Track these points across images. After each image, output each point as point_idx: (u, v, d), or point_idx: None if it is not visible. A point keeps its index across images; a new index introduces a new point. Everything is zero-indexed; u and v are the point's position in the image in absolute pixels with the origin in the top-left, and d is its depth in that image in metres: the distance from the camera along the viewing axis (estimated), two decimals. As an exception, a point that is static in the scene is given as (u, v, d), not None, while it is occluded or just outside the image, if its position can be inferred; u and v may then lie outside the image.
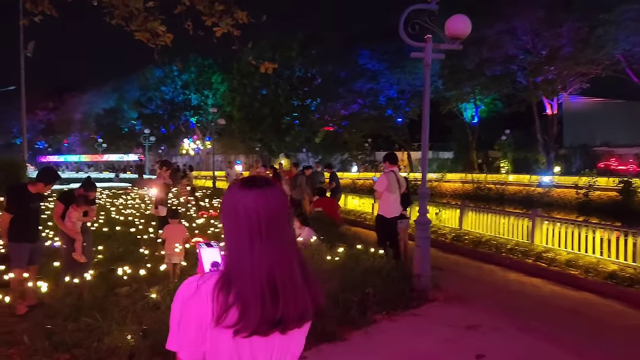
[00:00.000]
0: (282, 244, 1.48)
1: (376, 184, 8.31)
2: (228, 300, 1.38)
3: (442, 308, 6.59)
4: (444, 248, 11.21)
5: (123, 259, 8.23)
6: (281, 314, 1.41)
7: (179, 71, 56.61)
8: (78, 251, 6.50)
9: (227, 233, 1.51)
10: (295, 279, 1.47)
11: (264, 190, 1.50)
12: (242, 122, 46.02)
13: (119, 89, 63.31)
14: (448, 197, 33.44)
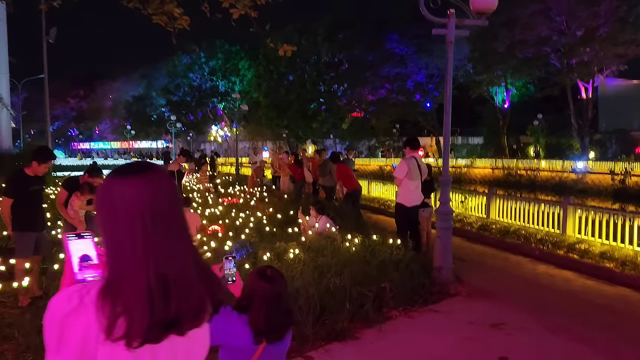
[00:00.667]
0: (172, 237, 1.31)
1: (396, 171, 7.87)
2: (115, 310, 1.21)
3: (463, 303, 6.18)
4: (469, 238, 10.73)
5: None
6: (174, 315, 1.26)
7: (206, 58, 56.75)
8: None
9: (104, 230, 1.30)
10: (189, 275, 1.31)
11: (146, 177, 1.30)
12: (269, 108, 45.84)
13: (148, 76, 63.71)
14: (477, 184, 32.64)
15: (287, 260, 6.02)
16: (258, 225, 9.71)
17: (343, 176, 12.04)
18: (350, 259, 6.24)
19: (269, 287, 2.67)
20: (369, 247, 6.83)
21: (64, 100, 72.12)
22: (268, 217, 10.40)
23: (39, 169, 5.81)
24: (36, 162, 5.74)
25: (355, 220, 9.99)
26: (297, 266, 5.69)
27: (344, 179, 11.97)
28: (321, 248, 6.52)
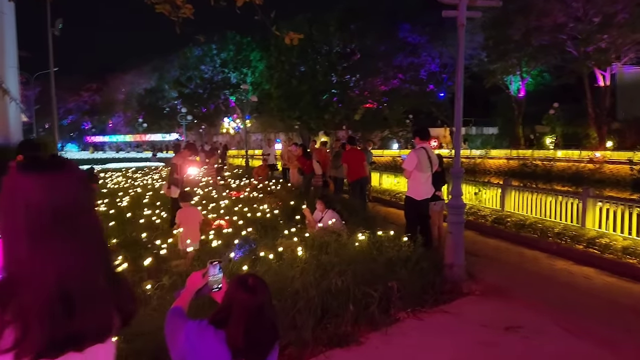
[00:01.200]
0: (79, 242, 1.22)
1: (405, 162, 7.48)
2: (3, 317, 1.11)
3: (476, 303, 5.81)
4: (483, 231, 10.33)
5: (133, 245, 7.77)
6: (76, 331, 1.17)
7: (218, 50, 56.52)
8: None
9: (3, 229, 1.21)
10: (96, 285, 1.23)
11: (51, 175, 1.20)
12: (280, 99, 45.46)
13: (160, 68, 63.72)
14: (492, 175, 32.08)
15: (287, 259, 5.69)
16: (263, 220, 9.42)
17: (349, 160, 11.80)
18: (356, 256, 5.89)
19: (250, 299, 2.33)
20: (376, 243, 6.47)
21: (77, 93, 72.45)
22: (274, 211, 10.09)
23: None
24: (22, 156, 5.48)
25: (363, 213, 9.64)
26: (298, 265, 5.35)
27: (350, 163, 11.67)
28: (325, 245, 6.18)
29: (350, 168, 12.01)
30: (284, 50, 42.79)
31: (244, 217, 9.87)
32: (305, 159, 14.88)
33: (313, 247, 6.17)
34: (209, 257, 7.25)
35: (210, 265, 2.88)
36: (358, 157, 12.66)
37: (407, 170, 7.36)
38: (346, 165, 12.43)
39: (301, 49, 42.57)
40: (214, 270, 2.88)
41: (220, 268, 2.91)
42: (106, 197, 11.92)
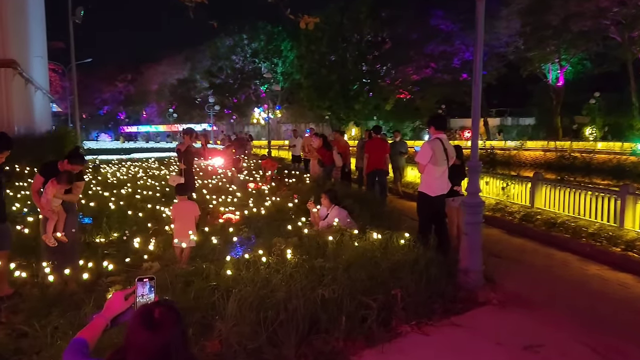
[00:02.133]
0: None
1: (418, 155, 6.78)
2: None
3: (493, 315, 5.13)
4: (509, 229, 9.54)
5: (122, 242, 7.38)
6: None
7: (249, 40, 56.40)
8: (48, 232, 5.62)
9: None
10: None
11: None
12: (310, 89, 44.90)
13: (191, 59, 64.01)
14: (527, 167, 30.82)
15: (277, 262, 5.11)
16: (273, 215, 8.92)
17: (370, 150, 11.46)
18: (356, 259, 5.28)
19: (150, 339, 1.77)
20: (382, 244, 5.84)
21: (113, 84, 73.44)
22: (289, 204, 9.59)
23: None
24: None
25: (379, 209, 9.00)
26: (287, 269, 4.78)
27: (370, 153, 11.28)
28: (323, 245, 5.59)
29: (369, 159, 11.55)
30: (314, 39, 42.20)
31: (255, 210, 9.40)
32: (325, 150, 14.27)
33: (310, 248, 5.59)
34: (212, 253, 6.81)
35: (138, 284, 2.33)
36: (380, 147, 12.06)
37: (420, 163, 6.68)
38: (367, 155, 11.91)
39: (331, 37, 41.91)
40: (142, 289, 2.33)
41: (152, 287, 2.36)
42: (112, 188, 11.61)
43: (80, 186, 6.02)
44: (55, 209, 5.65)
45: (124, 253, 6.77)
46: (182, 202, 6.78)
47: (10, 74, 15.85)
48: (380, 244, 5.83)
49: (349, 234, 6.02)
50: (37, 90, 20.89)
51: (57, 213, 5.68)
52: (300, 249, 5.59)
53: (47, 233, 5.60)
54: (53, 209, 5.62)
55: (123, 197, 10.53)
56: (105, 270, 5.82)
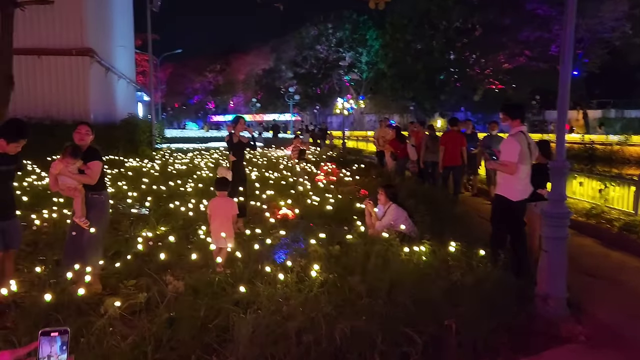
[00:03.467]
0: None
1: (504, 153, 5.55)
2: None
3: (579, 357, 4.03)
4: (606, 240, 8.09)
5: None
6: None
7: (334, 29, 55.91)
8: (78, 213, 5.13)
9: None
10: None
11: None
12: (394, 79, 43.62)
13: (277, 49, 64.53)
14: (633, 165, 27.81)
15: (292, 280, 4.29)
16: (333, 212, 8.16)
17: (446, 143, 10.72)
18: (404, 277, 4.36)
19: None
20: (439, 257, 4.86)
21: (203, 74, 75.80)
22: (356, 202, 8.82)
23: (7, 148, 4.65)
24: (4, 140, 4.63)
25: (449, 210, 7.93)
26: (313, 288, 3.96)
27: (446, 146, 10.59)
28: (365, 257, 4.70)
29: (444, 153, 10.55)
30: (399, 27, 40.94)
31: (314, 207, 8.70)
32: (399, 142, 13.27)
33: (350, 259, 4.72)
34: (250, 259, 6.13)
35: (41, 339, 1.57)
36: (457, 141, 10.95)
37: (510, 163, 5.42)
38: (443, 148, 10.89)
39: (417, 25, 40.35)
40: (47, 348, 1.56)
41: (64, 344, 1.58)
42: (170, 178, 11.35)
43: (93, 167, 5.25)
44: (72, 186, 5.16)
45: (165, 248, 6.25)
46: (220, 199, 6.14)
47: (88, 62, 16.16)
48: (437, 257, 4.85)
49: (397, 243, 5.07)
50: (120, 78, 21.42)
51: (80, 190, 5.19)
52: (337, 260, 4.73)
53: (77, 213, 5.14)
54: (69, 186, 5.15)
55: (175, 189, 10.20)
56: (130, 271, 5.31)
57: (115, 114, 18.65)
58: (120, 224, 8.27)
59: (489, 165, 5.72)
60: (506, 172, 5.52)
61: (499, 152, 5.74)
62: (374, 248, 4.96)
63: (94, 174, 5.18)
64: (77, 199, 5.16)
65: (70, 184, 5.14)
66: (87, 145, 5.29)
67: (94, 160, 5.22)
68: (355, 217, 7.80)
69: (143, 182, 11.36)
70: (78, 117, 15.85)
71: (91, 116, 16.13)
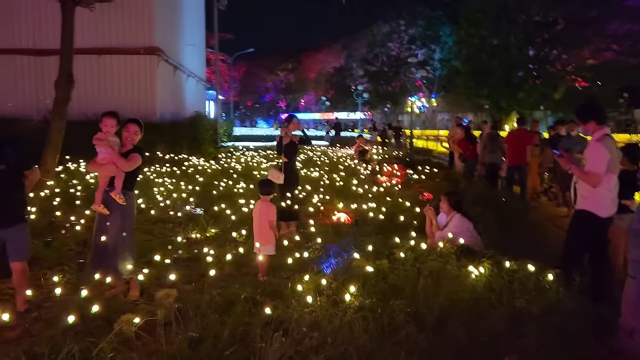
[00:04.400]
0: None
1: (590, 161, 4.72)
2: None
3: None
4: None
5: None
6: None
7: (406, 25, 54.92)
8: (118, 188, 4.84)
9: None
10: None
11: None
12: (468, 76, 42.01)
13: (348, 47, 64.18)
14: None
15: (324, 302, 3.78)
16: (385, 218, 7.62)
17: (510, 141, 10.35)
18: (457, 302, 3.76)
19: None
20: (501, 278, 4.21)
21: (275, 73, 76.81)
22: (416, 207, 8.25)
23: None
24: None
25: (521, 219, 7.16)
26: (349, 312, 3.46)
27: (510, 145, 10.19)
28: (416, 275, 4.14)
29: (508, 151, 9.84)
30: (474, 22, 39.41)
31: (372, 211, 8.19)
32: (468, 143, 12.45)
33: (398, 279, 4.18)
34: (302, 263, 5.71)
35: None
36: (522, 139, 10.15)
37: (596, 174, 4.63)
38: (507, 147, 10.14)
39: (493, 19, 38.62)
40: None
41: None
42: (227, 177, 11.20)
43: (133, 157, 4.94)
44: (107, 157, 4.83)
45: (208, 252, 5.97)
46: (261, 202, 5.76)
47: (155, 61, 16.41)
48: (499, 277, 4.21)
49: (454, 259, 4.47)
50: (189, 77, 21.72)
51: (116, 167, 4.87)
52: (384, 278, 4.20)
53: (117, 188, 4.85)
54: (104, 157, 4.84)
55: (231, 189, 10.00)
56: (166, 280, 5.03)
57: (183, 112, 18.91)
58: (171, 224, 8.15)
59: (573, 170, 4.91)
60: (588, 183, 4.73)
61: (570, 153, 5.01)
62: (427, 265, 4.39)
63: (130, 162, 4.88)
64: (118, 175, 4.84)
65: (105, 154, 4.83)
66: (133, 144, 5.06)
67: (136, 153, 4.99)
68: (416, 223, 7.25)
69: (200, 181, 11.28)
70: (145, 115, 16.09)
71: (157, 114, 16.40)
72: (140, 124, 5.16)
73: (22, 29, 16.20)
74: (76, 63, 15.95)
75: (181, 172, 12.53)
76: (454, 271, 4.28)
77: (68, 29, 9.55)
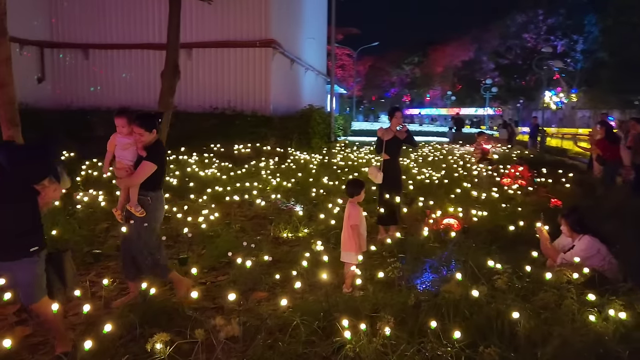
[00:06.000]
0: None
1: None
2: None
3: None
4: None
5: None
6: None
7: (545, 15, 50.88)
8: (133, 200, 4.38)
9: None
10: None
11: None
12: (616, 69, 37.85)
13: (478, 39, 60.96)
14: None
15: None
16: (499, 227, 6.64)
17: None
18: (577, 353, 2.82)
19: None
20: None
21: (400, 67, 75.50)
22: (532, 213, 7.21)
23: None
24: None
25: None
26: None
27: None
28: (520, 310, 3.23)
29: None
30: (625, 8, 35.24)
31: (486, 217, 7.26)
32: (608, 143, 10.74)
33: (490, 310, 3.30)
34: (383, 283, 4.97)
35: None
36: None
37: None
38: None
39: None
40: None
41: None
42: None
43: (141, 170, 4.35)
44: (129, 165, 4.42)
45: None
46: (348, 204, 5.10)
47: (270, 53, 16.37)
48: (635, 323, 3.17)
49: (573, 293, 3.47)
50: (308, 70, 21.60)
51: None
52: (479, 310, 3.35)
53: (132, 200, 4.40)
54: (127, 165, 4.42)
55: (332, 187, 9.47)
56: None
57: (299, 105, 18.78)
58: (264, 221, 7.83)
59: None
60: None
61: None
62: (539, 297, 3.45)
63: (136, 177, 4.35)
64: (134, 188, 4.38)
65: (129, 161, 4.42)
66: (145, 146, 4.42)
67: (146, 161, 4.36)
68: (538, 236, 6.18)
69: (304, 176, 10.90)
70: (258, 108, 16.22)
71: (270, 107, 16.40)
72: (145, 122, 4.37)
73: (149, 24, 17.10)
74: (196, 56, 16.71)
75: (286, 167, 12.28)
76: (572, 307, 3.30)
77: (174, 20, 9.60)
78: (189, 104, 16.14)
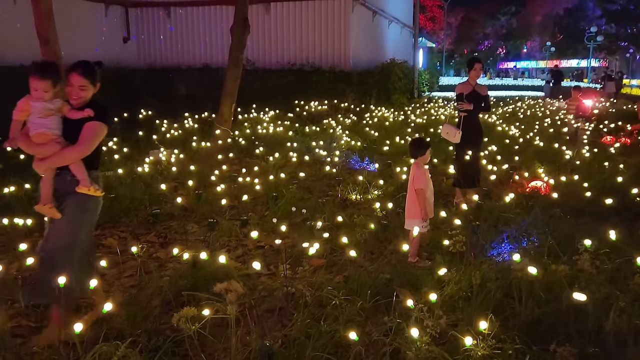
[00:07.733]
0: None
1: None
2: None
3: None
4: None
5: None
6: None
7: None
8: (83, 180, 3.18)
9: None
10: None
11: None
12: None
13: (586, -18, 55.75)
14: None
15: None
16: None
17: None
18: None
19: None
20: None
21: (495, 18, 71.04)
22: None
23: None
24: None
25: None
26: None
27: None
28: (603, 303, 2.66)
29: None
30: None
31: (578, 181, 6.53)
32: None
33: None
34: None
35: None
36: None
37: None
38: None
39: None
40: None
41: None
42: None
43: (96, 129, 3.20)
44: (49, 133, 3.12)
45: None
46: (413, 167, 4.60)
47: (350, 5, 15.67)
48: None
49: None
50: (392, 23, 20.61)
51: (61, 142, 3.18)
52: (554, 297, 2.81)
53: (81, 180, 3.20)
54: (44, 132, 3.11)
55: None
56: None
57: (381, 60, 17.97)
58: (333, 181, 7.50)
59: None
60: None
61: None
62: (635, 281, 2.85)
63: (83, 145, 3.18)
64: (77, 164, 3.17)
65: (54, 131, 3.13)
66: (86, 101, 3.23)
67: (94, 121, 3.20)
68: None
69: (381, 134, 10.40)
70: (337, 63, 15.68)
71: (350, 62, 15.76)
72: (91, 72, 3.21)
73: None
74: (274, 11, 16.31)
75: (363, 124, 11.79)
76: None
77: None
78: (267, 60, 15.92)
